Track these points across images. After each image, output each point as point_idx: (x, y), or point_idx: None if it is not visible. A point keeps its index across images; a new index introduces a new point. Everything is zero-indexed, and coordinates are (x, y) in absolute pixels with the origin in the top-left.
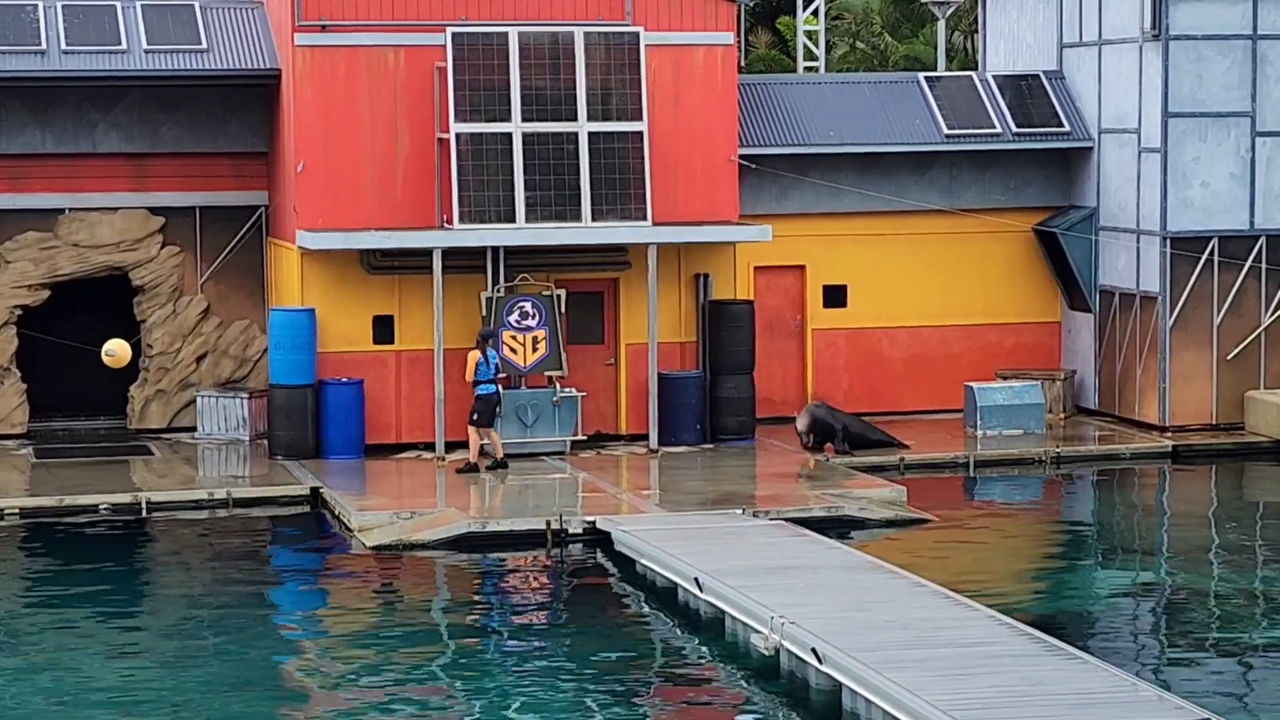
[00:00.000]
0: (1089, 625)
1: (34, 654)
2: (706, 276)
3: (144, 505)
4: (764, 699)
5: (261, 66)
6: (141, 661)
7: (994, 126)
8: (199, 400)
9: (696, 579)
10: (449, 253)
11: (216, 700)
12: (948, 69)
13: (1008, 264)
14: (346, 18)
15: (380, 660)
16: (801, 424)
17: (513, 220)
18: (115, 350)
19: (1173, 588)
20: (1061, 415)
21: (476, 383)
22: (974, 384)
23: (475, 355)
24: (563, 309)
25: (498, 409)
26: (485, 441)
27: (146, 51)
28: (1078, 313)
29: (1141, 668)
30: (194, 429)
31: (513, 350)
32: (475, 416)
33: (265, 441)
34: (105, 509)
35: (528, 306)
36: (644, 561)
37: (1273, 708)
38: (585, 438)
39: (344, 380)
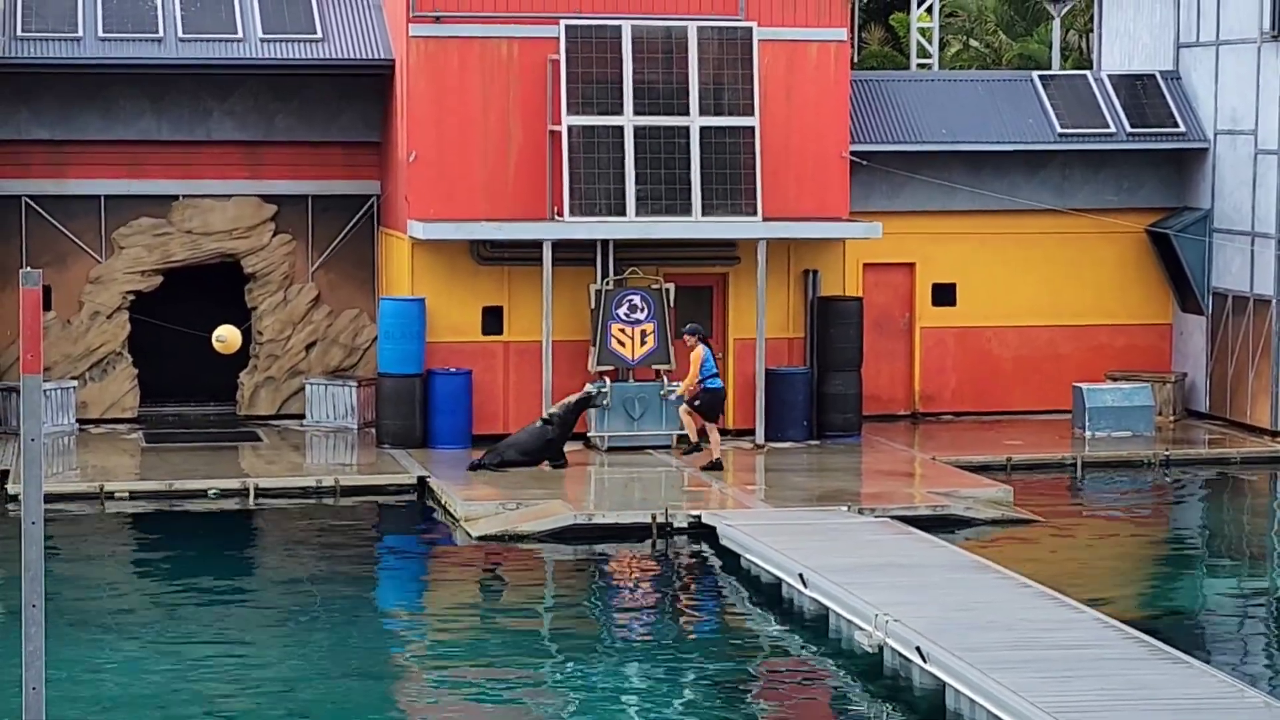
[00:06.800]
0: (1196, 630)
1: (144, 637)
2: (815, 272)
3: (252, 491)
4: (866, 697)
5: (376, 57)
6: (249, 647)
7: (1108, 126)
8: (308, 388)
9: (801, 575)
10: (559, 245)
11: (324, 686)
12: (1062, 68)
13: (1119, 265)
14: (461, 9)
15: (485, 649)
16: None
17: (623, 213)
18: (226, 336)
19: None
20: (1171, 418)
21: (704, 378)
22: (1083, 385)
23: (702, 351)
24: (671, 303)
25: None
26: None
27: (262, 40)
28: (1189, 315)
29: (1249, 674)
30: (302, 416)
31: (621, 343)
32: (704, 409)
33: (373, 430)
34: (214, 494)
35: (637, 300)
36: (749, 556)
37: None
38: None
39: (452, 370)
